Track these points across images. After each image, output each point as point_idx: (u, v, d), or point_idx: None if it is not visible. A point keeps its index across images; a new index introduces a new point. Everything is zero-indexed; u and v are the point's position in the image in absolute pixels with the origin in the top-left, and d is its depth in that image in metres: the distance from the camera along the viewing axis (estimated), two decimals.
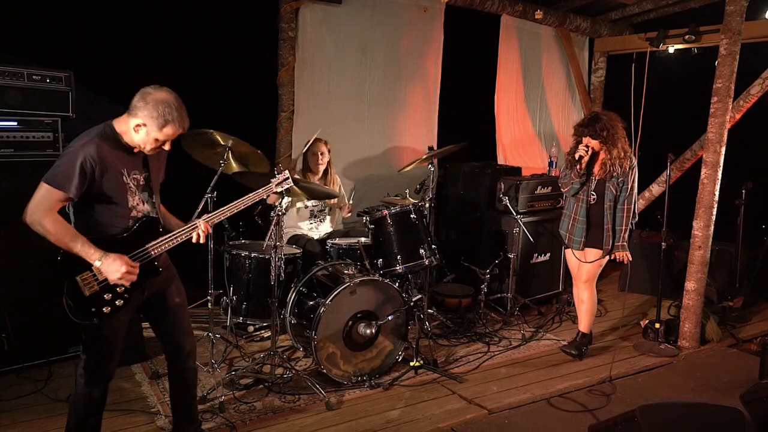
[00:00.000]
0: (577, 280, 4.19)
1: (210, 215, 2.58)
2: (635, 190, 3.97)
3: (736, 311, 5.07)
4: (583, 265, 4.07)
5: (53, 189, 2.22)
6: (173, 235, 2.48)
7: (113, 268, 2.27)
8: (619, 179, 3.90)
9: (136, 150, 2.43)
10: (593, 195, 3.97)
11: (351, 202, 4.71)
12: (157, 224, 2.48)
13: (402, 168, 4.73)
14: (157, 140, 2.37)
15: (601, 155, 3.92)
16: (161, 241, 2.45)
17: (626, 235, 3.97)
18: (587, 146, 3.85)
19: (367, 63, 5.33)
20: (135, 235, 2.40)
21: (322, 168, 4.50)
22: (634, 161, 3.95)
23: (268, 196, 2.91)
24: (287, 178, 2.90)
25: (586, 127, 3.89)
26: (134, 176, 2.43)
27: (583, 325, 4.19)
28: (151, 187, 2.50)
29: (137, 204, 2.43)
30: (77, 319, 2.32)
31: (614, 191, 3.92)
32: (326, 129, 4.95)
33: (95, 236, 2.31)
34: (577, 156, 3.89)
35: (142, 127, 2.33)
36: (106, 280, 2.30)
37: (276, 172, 2.92)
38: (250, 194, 2.72)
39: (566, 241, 4.13)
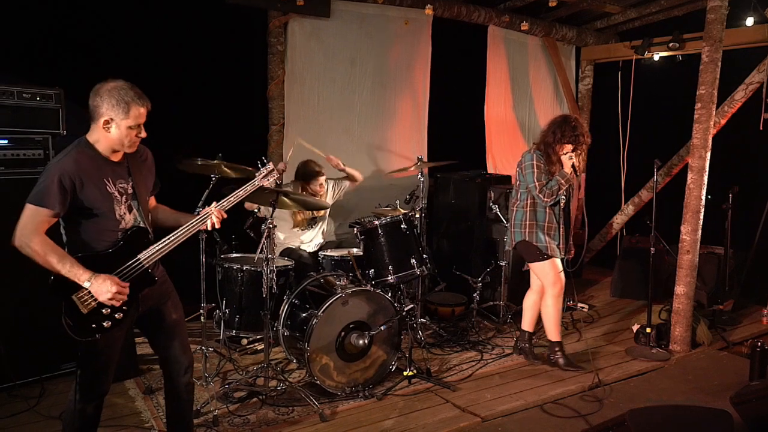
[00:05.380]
0: (558, 286, 4.00)
1: (220, 202, 2.58)
2: None
3: (726, 314, 5.11)
4: (562, 270, 4.00)
5: (36, 207, 2.23)
6: (181, 230, 2.46)
7: (103, 288, 2.26)
8: None
9: (115, 158, 2.43)
10: (563, 198, 3.98)
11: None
12: (146, 234, 2.48)
13: (390, 171, 4.75)
14: (130, 128, 2.35)
15: (576, 158, 3.97)
16: (157, 246, 2.43)
17: None
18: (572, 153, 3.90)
19: (356, 75, 5.38)
20: (125, 247, 2.40)
21: (321, 196, 4.52)
22: None
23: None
24: (272, 170, 2.83)
25: (586, 134, 3.89)
26: (120, 185, 2.42)
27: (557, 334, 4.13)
28: (138, 197, 2.50)
29: (125, 214, 2.43)
30: (79, 337, 2.31)
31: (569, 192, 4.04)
32: (317, 141, 4.99)
33: (86, 253, 2.31)
34: (571, 164, 3.87)
35: (111, 122, 2.32)
36: None
37: (260, 165, 2.85)
38: (244, 187, 2.70)
39: (549, 251, 3.93)
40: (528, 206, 3.96)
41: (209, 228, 2.55)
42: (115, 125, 2.34)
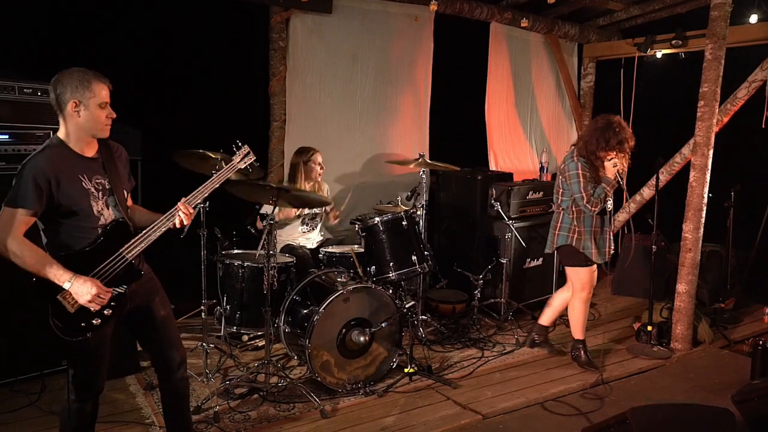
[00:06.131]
0: (586, 291, 4.04)
1: (188, 197, 2.51)
2: None
3: (727, 312, 5.11)
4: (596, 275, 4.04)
5: (13, 209, 2.20)
6: (153, 227, 2.42)
7: (83, 290, 2.22)
8: None
9: (88, 154, 2.40)
10: (610, 200, 3.90)
11: (342, 208, 4.70)
12: (126, 227, 2.43)
13: (390, 161, 4.74)
14: (100, 106, 2.33)
15: (623, 163, 3.88)
16: (136, 240, 2.40)
17: None
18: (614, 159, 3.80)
19: (358, 71, 5.37)
20: (106, 243, 2.36)
21: (320, 177, 4.53)
22: None
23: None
24: (249, 153, 2.79)
25: (631, 138, 3.80)
26: (97, 180, 2.39)
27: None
28: (115, 192, 2.45)
29: (102, 209, 2.39)
30: (69, 338, 2.28)
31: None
32: (318, 137, 4.98)
33: (67, 252, 2.28)
34: (617, 171, 3.81)
35: (79, 104, 2.30)
36: None
37: (235, 149, 2.82)
38: (221, 172, 2.64)
39: (593, 257, 3.91)
40: (574, 213, 3.89)
41: (178, 225, 2.48)
42: (83, 107, 2.31)
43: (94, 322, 2.31)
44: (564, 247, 3.95)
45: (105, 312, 2.33)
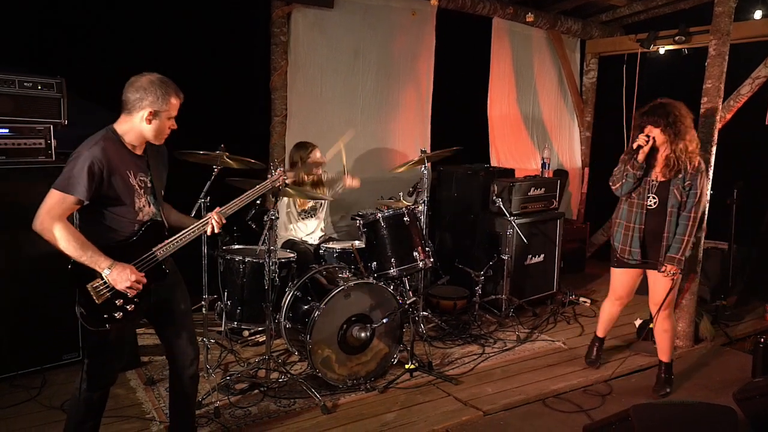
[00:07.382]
0: (612, 298, 3.87)
1: (223, 208, 2.67)
2: (705, 197, 3.55)
3: (729, 310, 5.10)
4: (659, 289, 3.61)
5: (64, 194, 2.24)
6: (186, 232, 2.52)
7: (122, 277, 2.29)
8: (686, 182, 3.43)
9: (138, 151, 2.46)
10: (653, 198, 3.50)
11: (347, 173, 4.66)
12: (162, 228, 2.51)
13: (394, 168, 4.73)
14: (170, 118, 2.43)
15: (665, 151, 3.46)
16: (169, 242, 2.47)
17: (687, 248, 3.48)
18: (648, 135, 3.40)
19: (360, 66, 5.35)
20: (141, 239, 2.42)
21: (320, 171, 4.53)
22: (703, 164, 3.50)
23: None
24: (283, 174, 3.01)
25: (649, 114, 3.42)
26: (141, 178, 2.45)
27: (667, 354, 3.78)
28: (155, 191, 2.52)
29: (144, 206, 2.45)
30: (90, 327, 2.34)
31: (679, 196, 3.44)
32: (319, 132, 4.97)
33: (102, 243, 2.32)
34: (635, 145, 3.43)
35: (153, 115, 2.37)
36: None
37: (272, 168, 3.03)
38: (257, 187, 2.87)
39: (619, 253, 3.64)
40: (619, 201, 3.70)
41: (209, 233, 2.62)
42: (157, 118, 2.38)
43: (116, 315, 2.36)
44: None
45: (128, 307, 2.38)
